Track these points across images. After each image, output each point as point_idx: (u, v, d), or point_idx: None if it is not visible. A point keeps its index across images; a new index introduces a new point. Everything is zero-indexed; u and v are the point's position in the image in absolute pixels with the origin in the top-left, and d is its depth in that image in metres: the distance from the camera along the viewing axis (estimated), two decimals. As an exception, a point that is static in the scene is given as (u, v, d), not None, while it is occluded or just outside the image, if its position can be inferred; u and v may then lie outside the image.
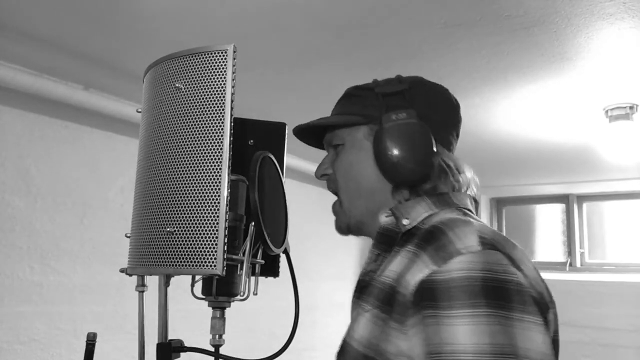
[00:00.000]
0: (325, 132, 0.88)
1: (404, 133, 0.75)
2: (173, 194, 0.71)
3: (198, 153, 0.70)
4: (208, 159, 0.70)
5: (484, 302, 0.57)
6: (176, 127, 0.73)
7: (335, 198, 0.87)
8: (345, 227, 0.84)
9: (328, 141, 0.88)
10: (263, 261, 0.85)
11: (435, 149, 0.76)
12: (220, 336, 0.81)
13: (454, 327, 0.57)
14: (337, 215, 0.86)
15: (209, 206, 0.68)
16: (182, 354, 0.81)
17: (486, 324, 0.56)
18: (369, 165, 0.79)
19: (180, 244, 0.69)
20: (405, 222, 0.74)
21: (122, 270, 0.80)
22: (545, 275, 0.73)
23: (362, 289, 0.74)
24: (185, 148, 0.71)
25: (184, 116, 0.72)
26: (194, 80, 0.73)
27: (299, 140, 0.91)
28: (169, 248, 0.70)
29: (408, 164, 0.75)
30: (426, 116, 0.77)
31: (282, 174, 0.94)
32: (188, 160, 0.71)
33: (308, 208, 3.33)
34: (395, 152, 0.75)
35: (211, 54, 0.73)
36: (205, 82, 0.72)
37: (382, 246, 0.76)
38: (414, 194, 0.77)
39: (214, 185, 0.69)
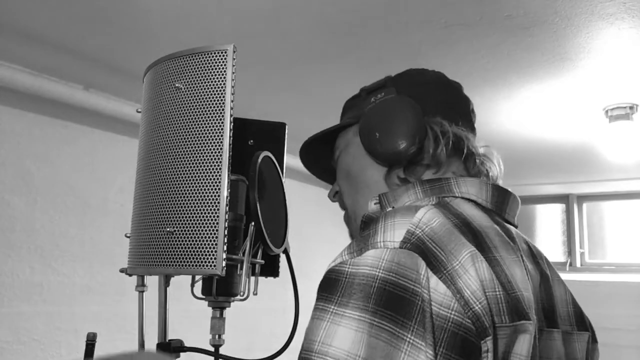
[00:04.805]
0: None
1: (382, 109, 0.72)
2: (173, 194, 0.71)
3: (198, 153, 0.70)
4: (208, 159, 0.70)
5: (373, 308, 0.48)
6: (176, 127, 0.73)
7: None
8: (353, 233, 0.79)
9: (334, 161, 0.84)
10: (263, 261, 0.85)
11: (423, 117, 0.70)
12: (220, 336, 0.81)
13: (336, 327, 0.49)
14: (347, 224, 0.81)
15: (209, 206, 0.68)
16: (182, 354, 0.81)
17: (368, 335, 0.47)
18: (362, 157, 0.75)
19: (180, 244, 0.69)
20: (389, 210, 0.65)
21: (122, 270, 0.80)
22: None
23: None
24: (185, 148, 0.71)
25: (184, 116, 0.72)
26: (194, 80, 0.73)
27: (299, 140, 0.91)
28: (169, 248, 0.70)
29: (393, 137, 0.68)
30: (412, 95, 0.72)
31: (282, 174, 0.94)
32: (188, 160, 0.71)
33: (308, 208, 3.33)
34: (376, 127, 0.70)
35: (211, 54, 0.72)
36: (205, 82, 0.72)
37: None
38: (410, 174, 0.70)
39: (214, 185, 0.69)
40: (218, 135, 0.70)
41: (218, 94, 0.71)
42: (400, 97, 0.72)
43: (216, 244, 0.67)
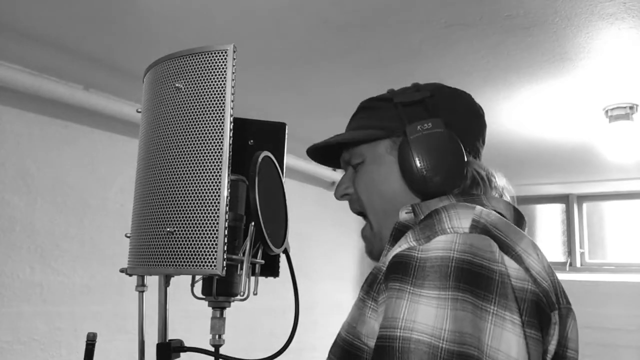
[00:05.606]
0: (341, 150, 0.84)
1: (432, 144, 0.71)
2: (173, 194, 0.71)
3: (198, 153, 0.70)
4: (208, 159, 0.70)
5: (454, 284, 0.51)
6: (176, 127, 0.73)
7: (355, 217, 0.83)
8: (377, 253, 0.78)
9: (346, 159, 0.83)
10: (263, 261, 0.85)
11: (466, 159, 0.72)
12: (220, 336, 0.81)
13: (417, 305, 0.52)
14: (368, 240, 0.81)
15: (209, 206, 0.68)
16: (182, 354, 0.81)
17: (452, 309, 0.50)
18: (394, 180, 0.75)
19: (180, 244, 0.69)
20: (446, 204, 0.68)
21: (122, 270, 0.80)
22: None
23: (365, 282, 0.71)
24: (185, 148, 0.71)
25: (184, 116, 0.72)
26: (194, 80, 0.73)
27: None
28: (169, 248, 0.69)
29: (439, 177, 0.70)
30: (452, 124, 0.73)
31: (282, 174, 0.94)
32: (188, 160, 0.71)
33: (308, 208, 3.33)
34: (425, 164, 0.70)
35: (211, 54, 0.72)
36: (205, 82, 0.72)
37: (396, 242, 0.68)
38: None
39: (214, 185, 0.69)
40: (218, 136, 0.70)
41: (218, 94, 0.71)
42: (452, 136, 0.71)
43: (216, 244, 0.67)
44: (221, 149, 0.69)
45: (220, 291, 0.79)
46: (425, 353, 0.49)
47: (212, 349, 0.80)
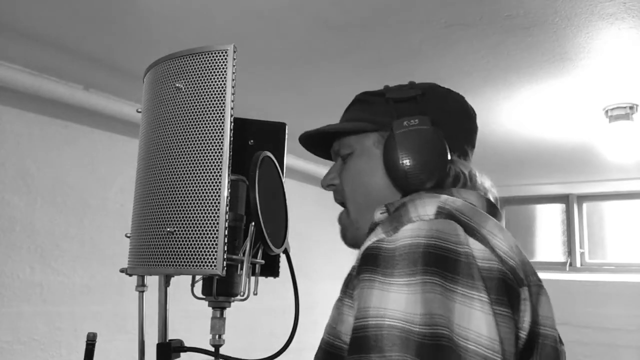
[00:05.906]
0: (332, 141, 0.85)
1: (416, 140, 0.71)
2: (173, 194, 0.71)
3: (198, 153, 0.70)
4: (208, 159, 0.70)
5: (422, 269, 0.52)
6: (176, 127, 0.73)
7: (341, 209, 0.83)
8: (351, 238, 0.81)
9: (336, 150, 0.84)
10: (263, 261, 0.85)
11: (449, 157, 0.72)
12: (220, 336, 0.81)
13: (388, 294, 0.53)
14: (344, 226, 0.82)
15: (209, 206, 0.68)
16: (182, 354, 0.81)
17: (422, 293, 0.51)
18: (378, 174, 0.76)
19: (180, 244, 0.69)
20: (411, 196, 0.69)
21: (122, 270, 0.80)
22: (545, 275, 0.70)
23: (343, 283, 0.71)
24: (186, 148, 0.71)
25: (184, 116, 0.72)
26: (194, 81, 0.73)
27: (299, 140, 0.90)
28: (169, 248, 0.70)
29: (420, 173, 0.71)
30: (440, 123, 0.73)
31: (282, 174, 0.94)
32: (188, 160, 0.71)
33: (308, 208, 3.33)
34: (407, 160, 0.71)
35: (211, 54, 0.72)
36: (205, 82, 0.72)
37: None
38: None
39: (214, 185, 0.69)
40: (218, 136, 0.70)
41: (218, 94, 0.71)
42: (437, 134, 0.72)
43: (216, 244, 0.67)
44: (221, 149, 0.69)
45: (220, 291, 0.79)
46: (398, 337, 0.50)
47: (212, 349, 0.80)
